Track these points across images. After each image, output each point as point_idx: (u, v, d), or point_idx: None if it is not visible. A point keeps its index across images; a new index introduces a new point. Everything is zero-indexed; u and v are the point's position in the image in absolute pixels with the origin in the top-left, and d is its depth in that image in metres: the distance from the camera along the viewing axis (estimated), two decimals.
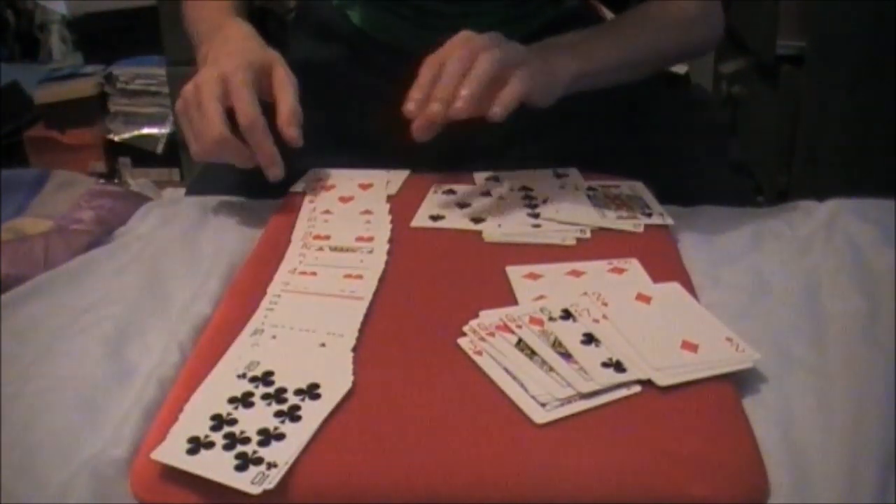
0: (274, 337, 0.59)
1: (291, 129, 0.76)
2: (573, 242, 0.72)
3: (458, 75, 0.72)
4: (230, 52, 0.79)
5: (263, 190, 0.78)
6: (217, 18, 0.87)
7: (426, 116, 0.73)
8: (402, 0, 0.94)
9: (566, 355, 0.57)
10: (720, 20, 0.94)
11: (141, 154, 2.58)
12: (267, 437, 0.50)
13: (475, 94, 0.72)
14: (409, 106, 0.73)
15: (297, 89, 0.78)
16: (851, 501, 0.48)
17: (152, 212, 0.83)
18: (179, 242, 0.75)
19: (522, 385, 0.55)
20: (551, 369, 0.56)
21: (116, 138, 2.59)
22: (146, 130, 2.58)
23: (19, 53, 2.99)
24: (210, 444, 0.50)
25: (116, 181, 2.52)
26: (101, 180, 0.88)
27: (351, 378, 0.55)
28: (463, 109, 0.71)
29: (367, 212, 0.76)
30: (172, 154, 2.52)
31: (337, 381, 0.54)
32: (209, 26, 0.86)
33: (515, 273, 0.67)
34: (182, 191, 1.02)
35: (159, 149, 2.56)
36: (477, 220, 0.74)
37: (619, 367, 0.56)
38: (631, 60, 0.86)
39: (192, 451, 0.49)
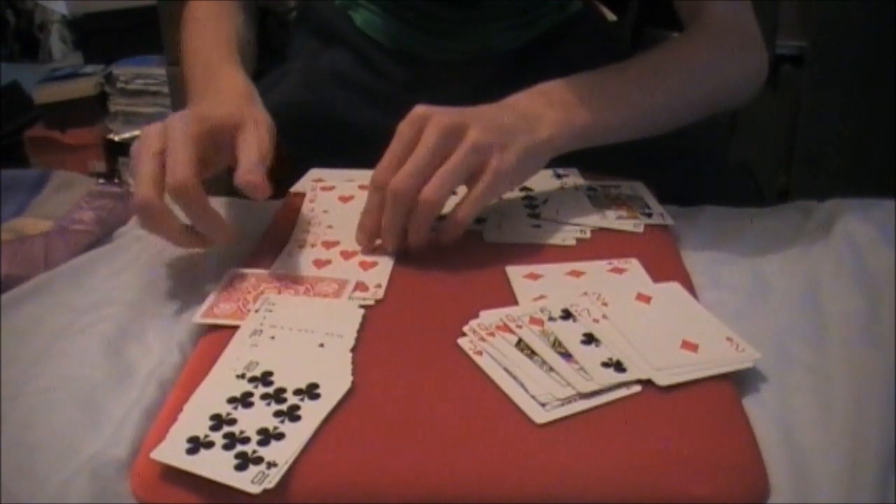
0: (273, 337, 0.59)
1: (251, 176, 0.65)
2: (573, 243, 0.72)
3: (401, 218, 0.67)
4: (203, 107, 0.69)
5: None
6: (214, 61, 0.78)
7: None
8: (405, 4, 0.93)
9: (566, 355, 0.57)
10: (763, 57, 0.83)
11: None
12: (266, 436, 0.50)
13: (424, 239, 0.68)
14: (360, 240, 0.69)
15: (267, 147, 0.69)
16: (851, 501, 0.48)
17: None
18: None
19: (522, 385, 0.55)
20: (551, 369, 0.56)
21: (116, 138, 2.59)
22: None
23: (19, 53, 2.99)
24: (209, 444, 0.50)
25: (116, 181, 2.52)
26: (101, 180, 0.88)
27: (350, 378, 0.55)
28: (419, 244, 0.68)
29: None
30: None
31: (336, 381, 0.54)
32: (204, 70, 0.78)
33: (515, 273, 0.67)
34: None
35: None
36: (477, 220, 0.74)
37: (619, 366, 0.56)
38: (653, 110, 0.77)
39: (192, 451, 0.49)
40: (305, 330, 0.60)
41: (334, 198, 0.78)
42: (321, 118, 0.92)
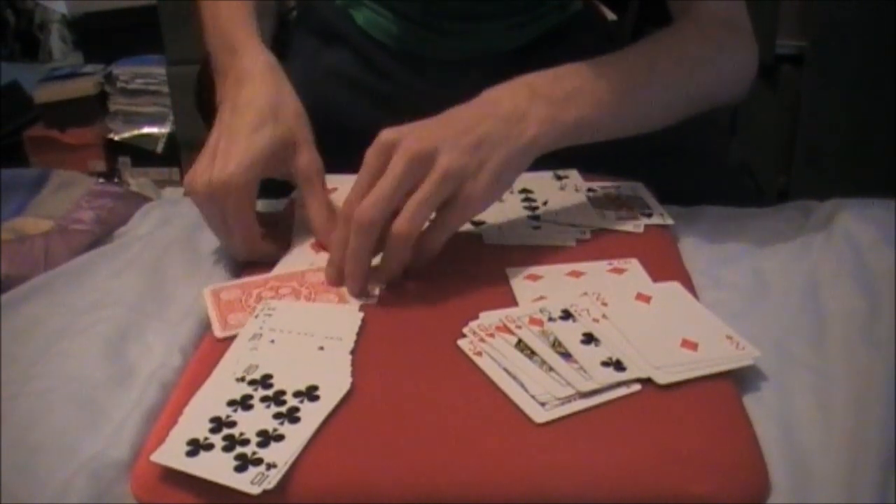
0: (272, 341, 0.59)
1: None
2: (573, 243, 0.72)
3: (366, 252, 0.63)
4: (242, 129, 0.69)
5: (264, 190, 0.78)
6: (233, 36, 0.77)
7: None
8: (407, 1, 0.93)
9: (566, 355, 0.57)
10: (754, 54, 0.83)
11: (141, 154, 2.58)
12: (266, 438, 0.50)
13: (395, 276, 0.65)
14: (329, 275, 0.66)
15: (324, 180, 0.72)
16: (851, 501, 0.48)
17: (152, 212, 0.83)
18: (179, 243, 0.75)
19: (522, 385, 0.55)
20: (551, 369, 0.56)
21: (116, 138, 2.59)
22: (146, 130, 2.58)
23: (19, 53, 2.99)
24: (209, 446, 0.50)
25: (116, 181, 2.52)
26: (101, 180, 0.88)
27: (349, 380, 0.55)
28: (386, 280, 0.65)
29: None
30: (172, 154, 2.52)
31: (336, 383, 0.54)
32: (223, 44, 0.77)
33: (515, 274, 0.67)
34: (182, 190, 1.01)
35: (159, 148, 2.57)
36: (477, 222, 0.74)
37: (618, 365, 0.56)
38: (643, 105, 0.75)
39: (192, 454, 0.49)
40: (305, 333, 0.60)
41: (337, 201, 0.78)
42: (321, 118, 0.91)
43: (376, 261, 0.65)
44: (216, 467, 0.48)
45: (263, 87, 0.72)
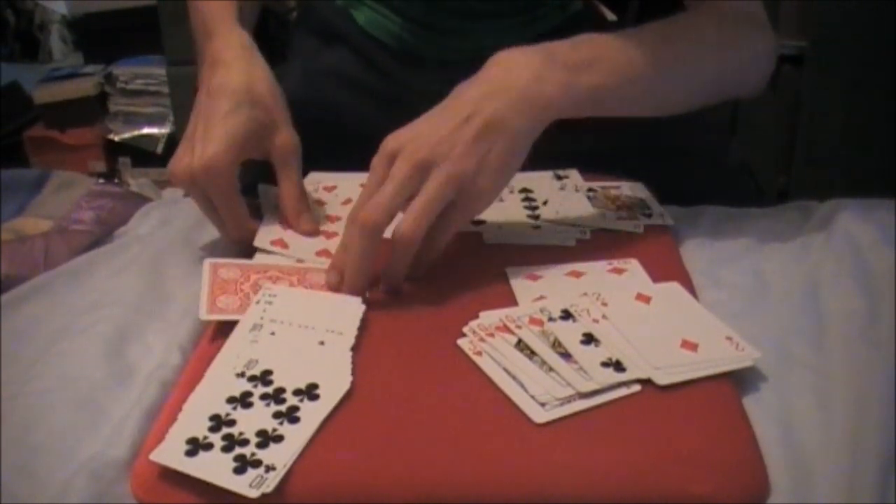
0: (273, 333, 0.59)
1: (302, 224, 0.72)
2: (573, 243, 0.72)
3: (368, 256, 0.63)
4: (218, 112, 0.70)
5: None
6: (210, 21, 0.79)
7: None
8: (408, 1, 0.93)
9: (566, 355, 0.57)
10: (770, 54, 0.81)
11: (141, 154, 2.58)
12: (265, 438, 0.50)
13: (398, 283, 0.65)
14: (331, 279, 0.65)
15: (300, 159, 0.73)
16: (851, 501, 0.48)
17: (152, 212, 0.83)
18: (179, 243, 0.75)
19: (522, 385, 0.55)
20: (551, 369, 0.56)
21: (116, 138, 2.59)
22: (146, 130, 2.59)
23: (19, 53, 3.00)
24: (208, 446, 0.50)
25: (116, 181, 2.52)
26: (101, 180, 0.88)
27: (350, 379, 0.55)
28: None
29: None
30: (172, 154, 2.51)
31: (336, 382, 0.54)
32: (202, 30, 0.79)
33: (515, 274, 0.67)
34: (182, 191, 1.01)
35: (159, 149, 2.57)
36: (477, 222, 0.74)
37: (618, 366, 0.56)
38: (663, 79, 0.73)
39: (191, 453, 0.49)
40: (306, 326, 0.60)
41: (338, 200, 0.78)
42: (322, 118, 0.92)
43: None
44: (215, 468, 0.48)
45: (236, 69, 0.73)
